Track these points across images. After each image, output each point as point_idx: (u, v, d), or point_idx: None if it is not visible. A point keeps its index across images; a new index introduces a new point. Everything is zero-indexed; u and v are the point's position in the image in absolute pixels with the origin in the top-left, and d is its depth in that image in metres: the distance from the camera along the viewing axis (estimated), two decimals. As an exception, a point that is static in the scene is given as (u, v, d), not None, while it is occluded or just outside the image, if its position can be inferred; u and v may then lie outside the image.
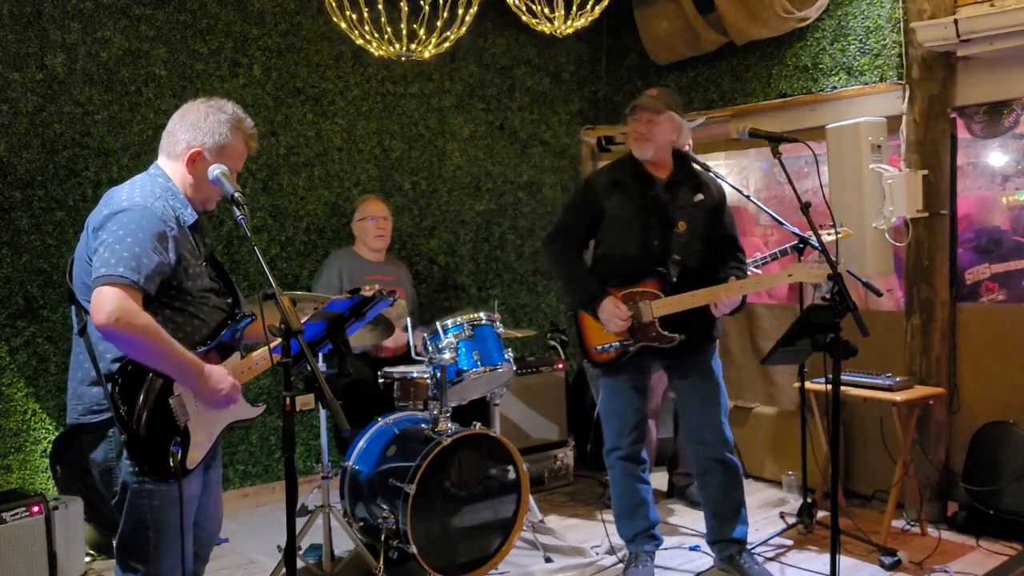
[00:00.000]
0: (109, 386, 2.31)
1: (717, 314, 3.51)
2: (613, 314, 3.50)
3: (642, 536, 3.76)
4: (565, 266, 3.68)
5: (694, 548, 4.04)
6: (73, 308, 2.42)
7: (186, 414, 2.38)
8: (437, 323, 3.96)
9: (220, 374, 2.40)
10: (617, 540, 4.00)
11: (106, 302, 2.20)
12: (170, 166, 2.49)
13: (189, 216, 2.46)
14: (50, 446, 4.08)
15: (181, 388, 2.38)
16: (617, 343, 3.57)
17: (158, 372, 2.33)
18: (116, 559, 2.47)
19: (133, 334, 2.22)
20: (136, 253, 2.25)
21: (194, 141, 2.45)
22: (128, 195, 2.37)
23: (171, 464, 2.32)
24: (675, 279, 3.52)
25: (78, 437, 3.84)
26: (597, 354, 3.64)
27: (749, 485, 4.60)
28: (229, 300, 2.58)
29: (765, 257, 4.27)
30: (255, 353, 2.55)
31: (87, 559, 3.89)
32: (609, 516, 4.53)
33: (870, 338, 2.88)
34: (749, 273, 3.75)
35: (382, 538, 3.51)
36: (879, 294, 3.55)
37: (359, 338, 3.87)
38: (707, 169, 3.64)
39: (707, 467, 3.70)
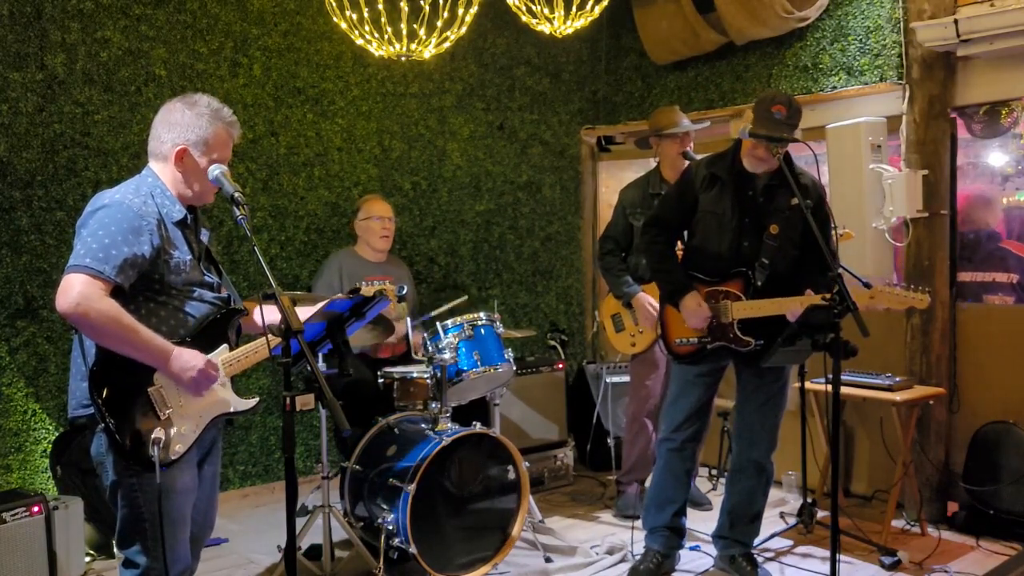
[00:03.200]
0: (88, 378, 2.35)
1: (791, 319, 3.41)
2: (694, 311, 3.48)
3: (659, 532, 3.74)
4: (655, 255, 3.68)
5: (694, 548, 4.03)
6: None
7: (167, 405, 2.39)
8: (437, 323, 3.96)
9: (189, 355, 2.39)
10: (617, 540, 4.01)
11: (70, 288, 2.27)
12: (159, 167, 2.55)
13: (177, 213, 2.51)
14: (50, 446, 4.08)
15: (162, 379, 2.39)
16: (695, 339, 3.57)
17: (135, 361, 2.35)
18: (118, 551, 2.50)
19: (95, 319, 2.27)
20: (105, 245, 2.32)
21: (178, 139, 2.50)
22: (110, 194, 2.44)
23: (151, 454, 2.33)
24: (760, 283, 3.45)
25: (78, 437, 3.90)
26: (677, 347, 3.64)
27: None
28: (226, 295, 2.60)
29: None
30: (245, 346, 2.56)
31: (87, 559, 3.89)
32: (608, 516, 4.57)
33: (870, 338, 2.88)
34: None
35: (382, 538, 3.51)
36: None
37: (359, 338, 3.87)
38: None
39: (743, 467, 3.69)
